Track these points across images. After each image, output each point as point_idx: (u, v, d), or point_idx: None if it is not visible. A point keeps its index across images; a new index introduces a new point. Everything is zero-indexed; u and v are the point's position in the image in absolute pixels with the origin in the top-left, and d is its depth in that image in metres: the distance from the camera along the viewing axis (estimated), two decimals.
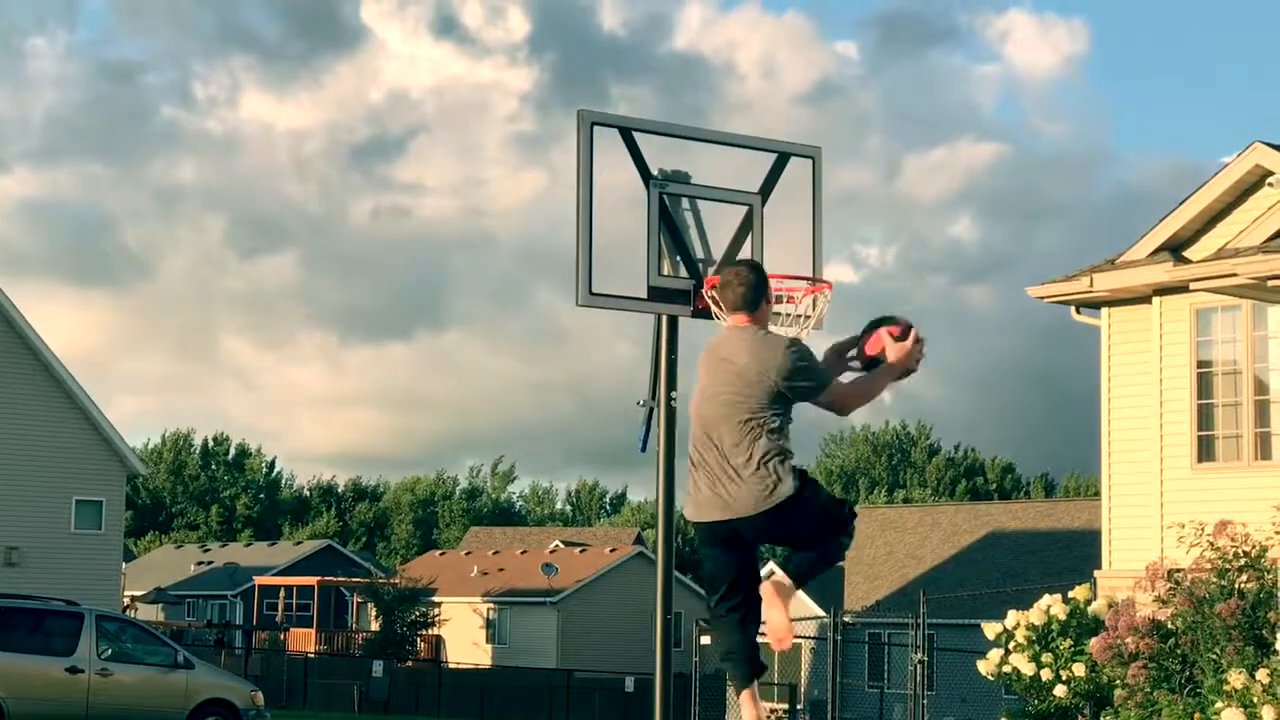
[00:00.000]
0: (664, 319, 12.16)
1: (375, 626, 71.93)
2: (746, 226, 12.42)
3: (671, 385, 12.13)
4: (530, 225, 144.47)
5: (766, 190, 12.55)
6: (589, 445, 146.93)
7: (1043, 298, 25.73)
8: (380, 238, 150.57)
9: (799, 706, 48.81)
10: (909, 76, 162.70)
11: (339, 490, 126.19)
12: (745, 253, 12.36)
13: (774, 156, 12.61)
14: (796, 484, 8.02)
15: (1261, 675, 15.95)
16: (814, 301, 12.07)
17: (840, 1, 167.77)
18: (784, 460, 8.09)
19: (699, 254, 12.26)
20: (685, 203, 12.32)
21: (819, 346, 8.56)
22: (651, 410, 12.14)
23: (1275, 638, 16.18)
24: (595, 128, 12.04)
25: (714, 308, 11.88)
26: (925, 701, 36.79)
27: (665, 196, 12.15)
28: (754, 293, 8.32)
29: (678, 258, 12.18)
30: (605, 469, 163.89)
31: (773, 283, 12.07)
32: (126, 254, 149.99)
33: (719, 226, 12.52)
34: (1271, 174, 23.21)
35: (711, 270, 12.17)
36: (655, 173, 12.20)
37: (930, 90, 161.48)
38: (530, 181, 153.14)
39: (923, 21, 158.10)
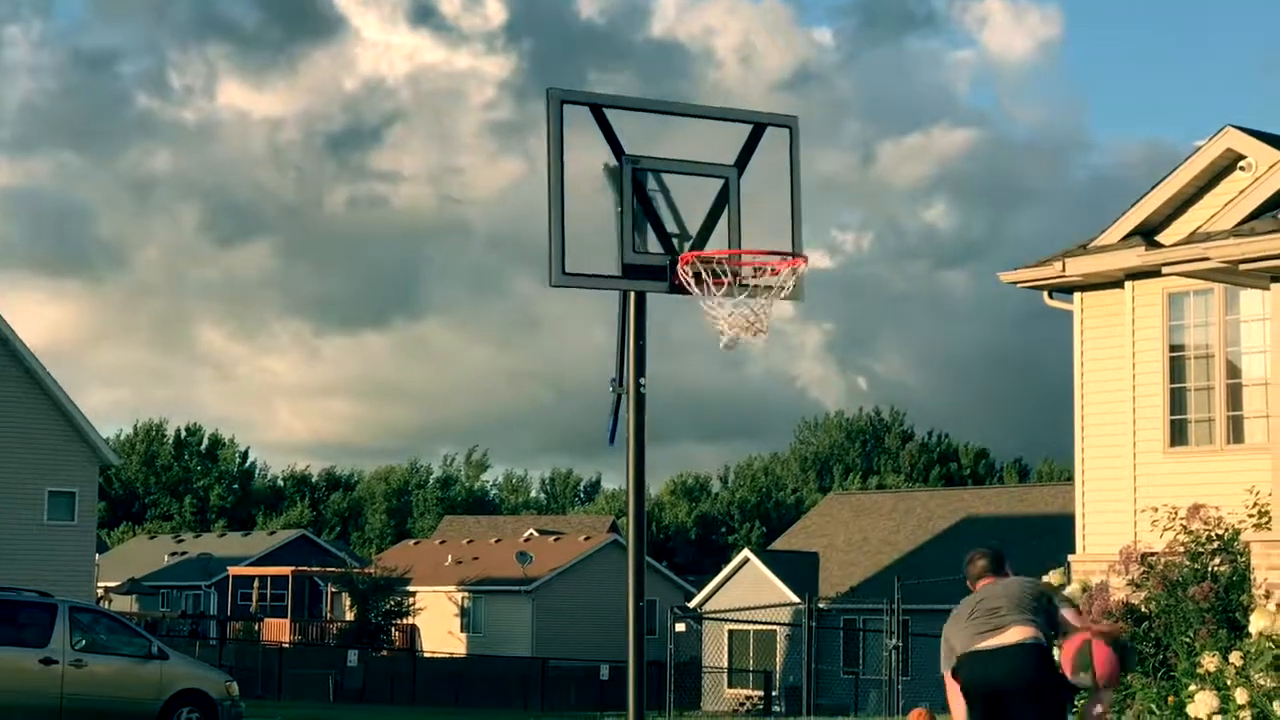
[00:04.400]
0: (631, 303, 12.05)
1: (350, 616, 71.84)
2: (723, 200, 12.25)
3: (640, 371, 12.02)
4: (507, 213, 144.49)
5: (743, 162, 12.36)
6: (564, 433, 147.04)
7: (1015, 283, 25.70)
8: (356, 226, 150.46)
9: (774, 693, 48.83)
10: (886, 62, 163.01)
11: (313, 480, 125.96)
12: (722, 226, 12.20)
13: (749, 128, 12.45)
14: None
15: (1234, 658, 15.96)
16: (791, 274, 11.99)
17: None
18: None
19: (674, 229, 12.11)
20: (660, 177, 12.15)
21: (788, 331, 8.53)
22: (619, 399, 12.02)
23: (1248, 620, 16.20)
24: (566, 106, 11.92)
25: (690, 283, 11.81)
26: (900, 687, 36.87)
27: (638, 172, 12.01)
28: None
29: (653, 234, 12.05)
30: (580, 457, 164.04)
31: (749, 257, 12.05)
32: (101, 244, 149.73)
33: (695, 202, 12.36)
34: (1243, 158, 23.23)
35: (688, 244, 12.07)
36: (628, 151, 12.07)
37: (907, 76, 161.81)
38: (507, 169, 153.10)
39: (901, 7, 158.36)
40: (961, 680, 10.63)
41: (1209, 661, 16.18)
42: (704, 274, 11.75)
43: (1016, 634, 10.43)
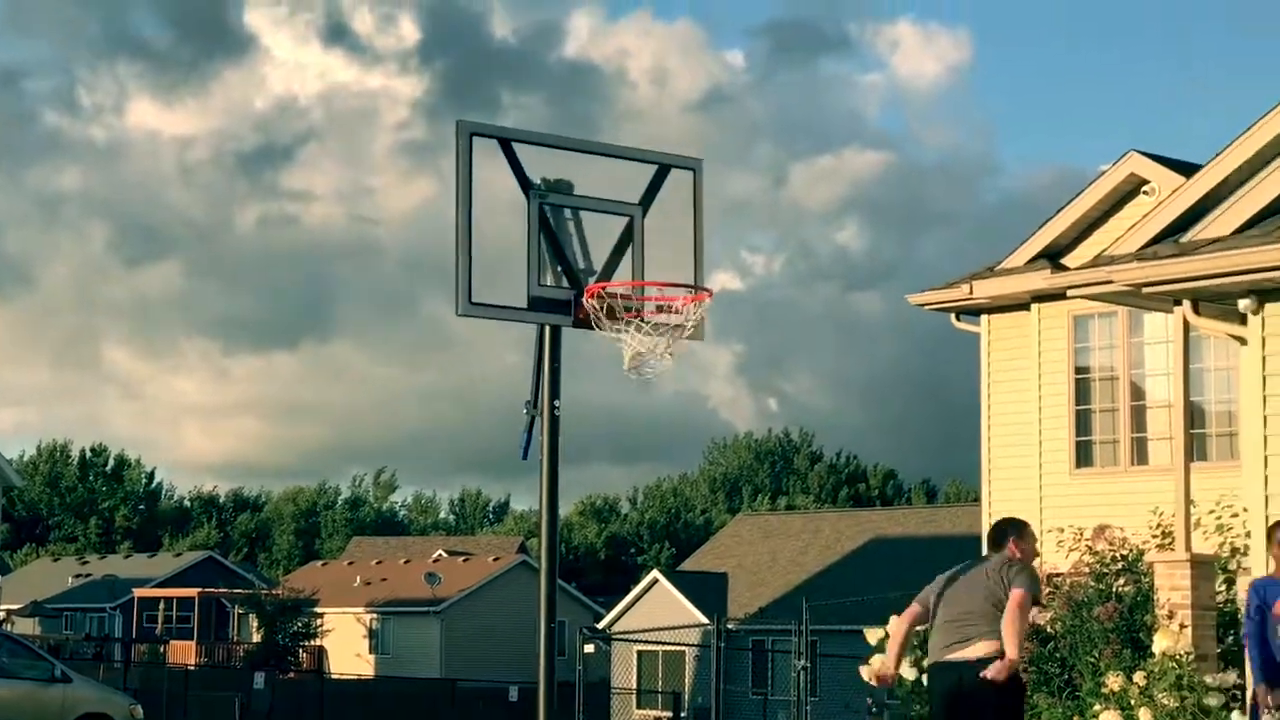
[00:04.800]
0: (546, 328, 12.11)
1: (257, 638, 71.34)
2: (627, 237, 12.39)
3: (554, 394, 12.07)
4: (418, 234, 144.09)
5: (647, 201, 12.53)
6: (474, 454, 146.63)
7: (924, 305, 25.86)
8: (267, 246, 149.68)
9: (683, 714, 48.86)
10: (798, 85, 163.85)
11: (220, 501, 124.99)
12: (626, 263, 12.34)
13: (655, 168, 12.60)
14: None
15: (1138, 677, 16.11)
16: (695, 310, 12.08)
17: (731, 10, 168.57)
18: None
19: (580, 264, 12.21)
20: (567, 212, 12.27)
21: (700, 353, 8.62)
22: (533, 419, 12.09)
23: (1151, 640, 16.36)
24: (475, 138, 11.98)
25: (595, 318, 11.88)
26: (809, 707, 36.97)
27: (546, 206, 12.10)
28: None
29: (559, 268, 12.13)
30: (489, 478, 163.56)
31: (652, 290, 12.15)
32: (7, 261, 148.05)
33: (603, 236, 12.49)
34: (1147, 182, 23.51)
35: (592, 279, 12.15)
36: (538, 182, 12.15)
37: (818, 99, 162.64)
38: (419, 190, 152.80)
39: (813, 30, 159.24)
40: (928, 686, 11.63)
41: (1113, 681, 16.33)
42: (609, 308, 11.83)
43: (981, 649, 11.19)
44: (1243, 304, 14.30)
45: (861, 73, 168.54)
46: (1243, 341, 14.59)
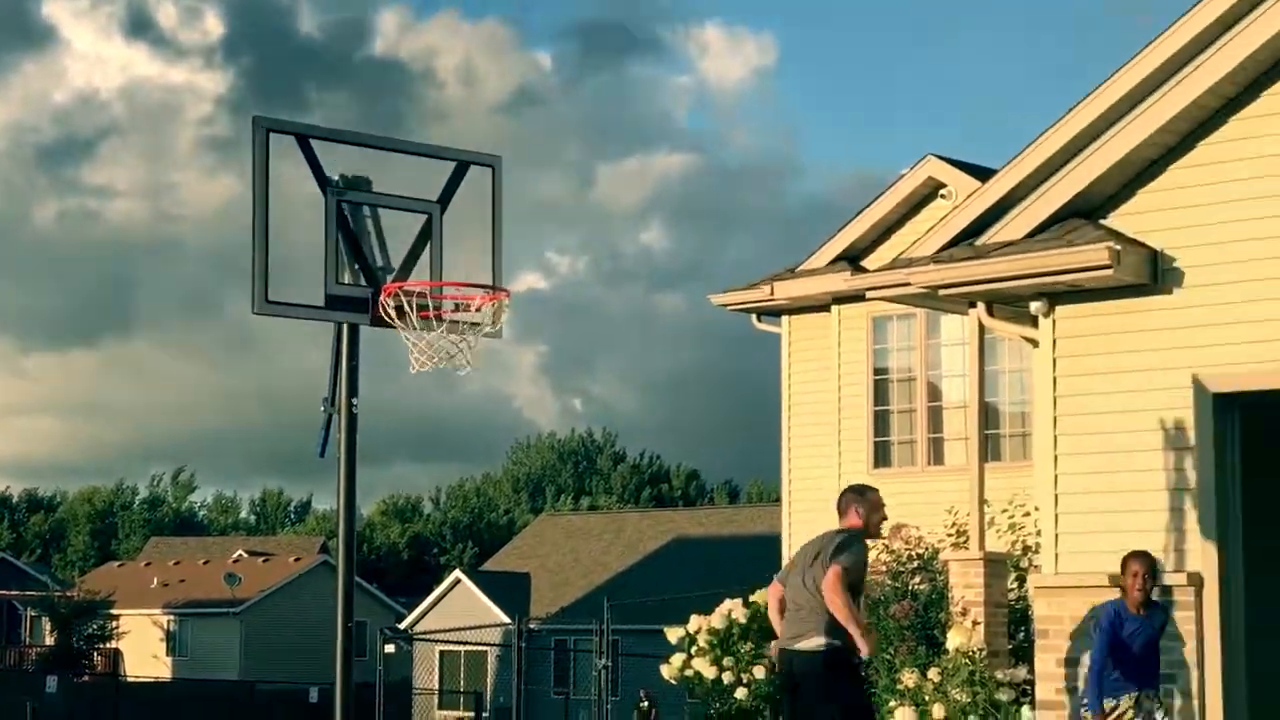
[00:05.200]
0: (345, 326, 12.04)
1: (50, 641, 70.02)
2: (425, 235, 12.35)
3: (353, 392, 12.00)
4: (221, 231, 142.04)
5: (446, 199, 12.50)
6: (274, 453, 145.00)
7: (725, 305, 26.04)
8: (66, 242, 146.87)
9: (485, 714, 48.76)
10: (606, 87, 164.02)
11: (13, 501, 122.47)
12: (424, 262, 12.31)
13: (454, 165, 12.58)
14: None
15: (933, 674, 16.33)
16: (493, 310, 12.06)
17: (540, 10, 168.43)
18: None
19: (378, 262, 12.17)
20: (366, 210, 12.21)
21: (504, 352, 8.63)
22: (330, 417, 12.00)
23: (945, 637, 16.60)
24: (274, 135, 11.89)
25: (393, 317, 11.82)
26: (610, 707, 37.07)
27: (344, 204, 12.04)
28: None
29: (357, 266, 12.07)
30: (290, 478, 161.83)
31: (450, 290, 12.12)
32: None
33: (403, 235, 12.45)
34: (944, 186, 23.88)
35: (390, 278, 12.11)
36: (336, 178, 12.08)
37: (626, 101, 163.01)
38: (223, 187, 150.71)
39: (622, 32, 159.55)
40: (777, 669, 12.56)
41: (908, 678, 16.55)
42: (406, 307, 11.79)
43: (814, 642, 11.57)
44: (1034, 306, 14.56)
45: (670, 75, 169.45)
46: (1035, 344, 14.86)
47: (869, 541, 12.09)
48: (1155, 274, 13.98)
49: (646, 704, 43.79)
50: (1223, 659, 13.38)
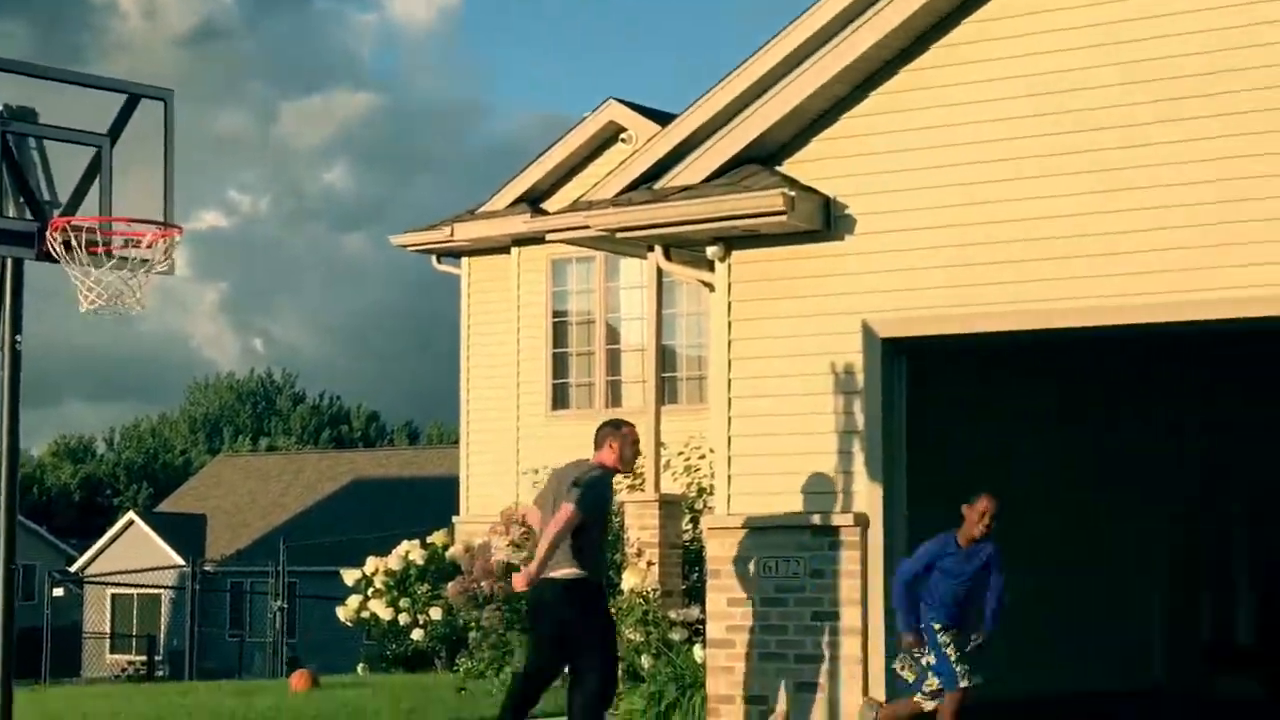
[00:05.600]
0: (9, 262, 11.71)
1: None
2: (94, 169, 12.05)
3: (16, 329, 11.70)
4: None
5: (116, 132, 12.19)
6: None
7: (406, 246, 25.94)
8: None
9: (158, 658, 48.02)
10: (290, 23, 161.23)
11: None
12: (93, 195, 12.01)
13: (125, 98, 12.28)
14: None
15: None
16: (164, 247, 11.84)
17: None
18: None
19: (45, 196, 11.87)
20: (32, 141, 11.87)
21: (182, 290, 8.45)
22: None
23: (621, 578, 16.79)
24: None
25: (59, 252, 11.54)
26: (285, 649, 36.80)
27: (9, 135, 11.70)
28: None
29: (22, 199, 11.76)
30: None
31: (120, 226, 11.85)
32: None
33: (73, 169, 12.13)
34: (625, 130, 24.06)
35: (58, 212, 11.82)
36: (0, 109, 11.72)
37: (311, 38, 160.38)
38: None
39: None
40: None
41: None
42: (74, 243, 11.51)
43: (562, 572, 11.99)
44: (711, 251, 14.71)
45: (356, 12, 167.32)
46: (711, 288, 15.02)
47: (619, 476, 12.83)
48: (828, 221, 14.22)
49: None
50: (885, 593, 13.72)
